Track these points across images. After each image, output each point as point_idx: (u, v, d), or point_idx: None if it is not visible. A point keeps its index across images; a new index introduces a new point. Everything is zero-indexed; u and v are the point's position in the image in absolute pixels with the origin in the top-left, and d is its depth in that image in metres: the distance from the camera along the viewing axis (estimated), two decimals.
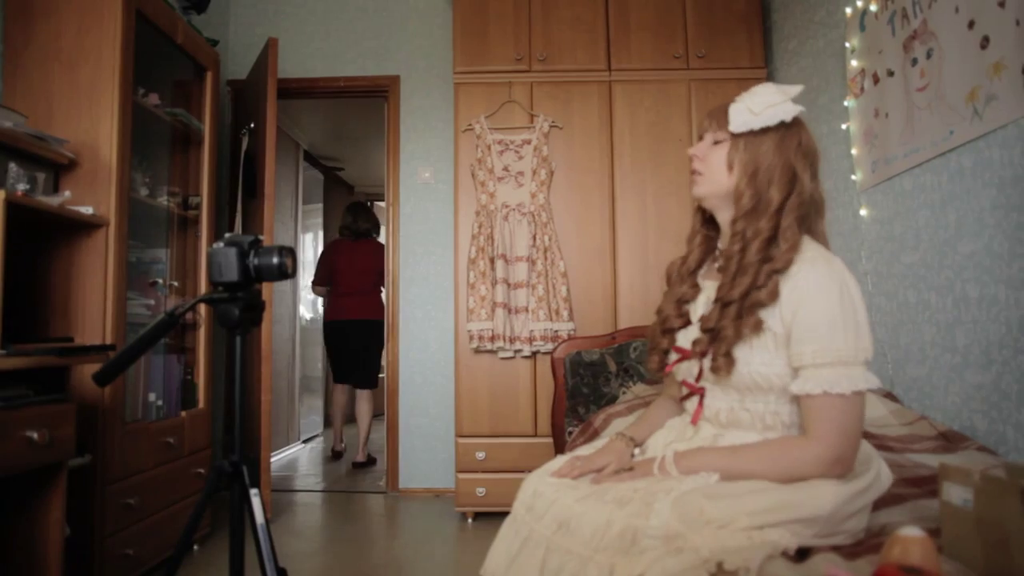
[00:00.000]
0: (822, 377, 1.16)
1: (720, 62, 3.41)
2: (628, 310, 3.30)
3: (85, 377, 2.18)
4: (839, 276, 1.22)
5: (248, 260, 1.52)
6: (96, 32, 2.45)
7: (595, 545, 1.14)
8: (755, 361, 1.24)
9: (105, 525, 2.31)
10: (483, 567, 1.41)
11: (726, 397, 1.30)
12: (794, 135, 1.33)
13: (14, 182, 2.07)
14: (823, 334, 1.17)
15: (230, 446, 3.83)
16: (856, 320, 1.18)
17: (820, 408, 1.16)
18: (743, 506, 1.12)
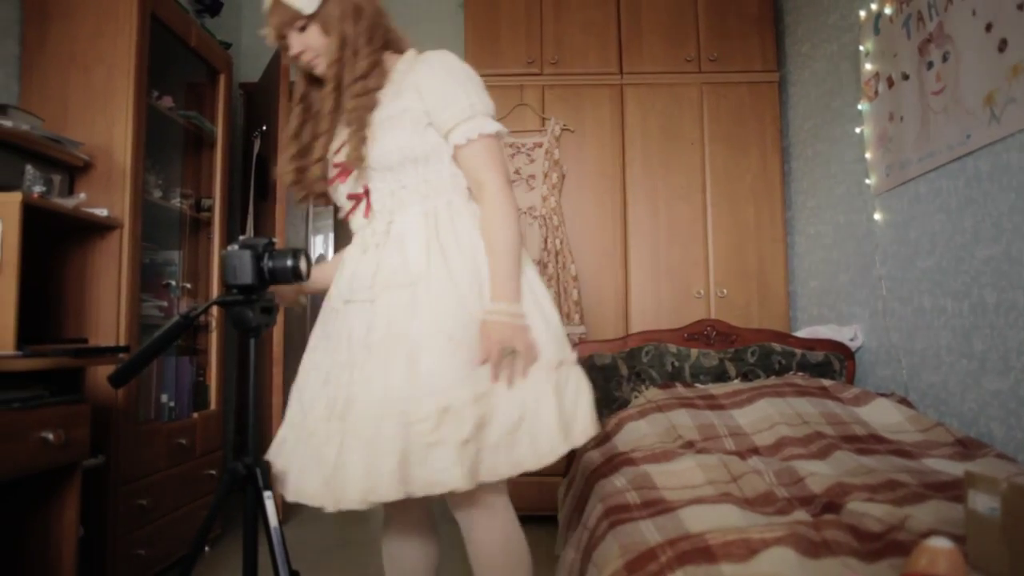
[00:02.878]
0: (471, 127, 1.44)
1: (732, 65, 3.40)
2: (639, 314, 3.29)
3: (99, 378, 2.19)
4: (442, 57, 1.52)
5: (262, 263, 1.52)
6: (111, 35, 2.46)
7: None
8: (398, 141, 1.46)
9: (118, 526, 2.32)
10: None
11: (384, 183, 1.49)
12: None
13: (30, 184, 2.08)
14: (458, 96, 1.45)
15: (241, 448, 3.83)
16: (476, 81, 1.49)
17: (481, 150, 1.46)
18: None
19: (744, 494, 1.69)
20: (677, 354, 2.74)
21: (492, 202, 1.47)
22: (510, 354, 1.38)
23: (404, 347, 1.39)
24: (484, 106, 1.48)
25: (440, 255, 1.45)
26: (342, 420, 1.40)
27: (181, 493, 2.71)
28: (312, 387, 1.52)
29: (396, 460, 1.31)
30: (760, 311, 3.28)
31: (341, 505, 1.36)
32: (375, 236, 1.51)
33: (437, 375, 1.36)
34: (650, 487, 1.79)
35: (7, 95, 2.38)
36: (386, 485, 1.31)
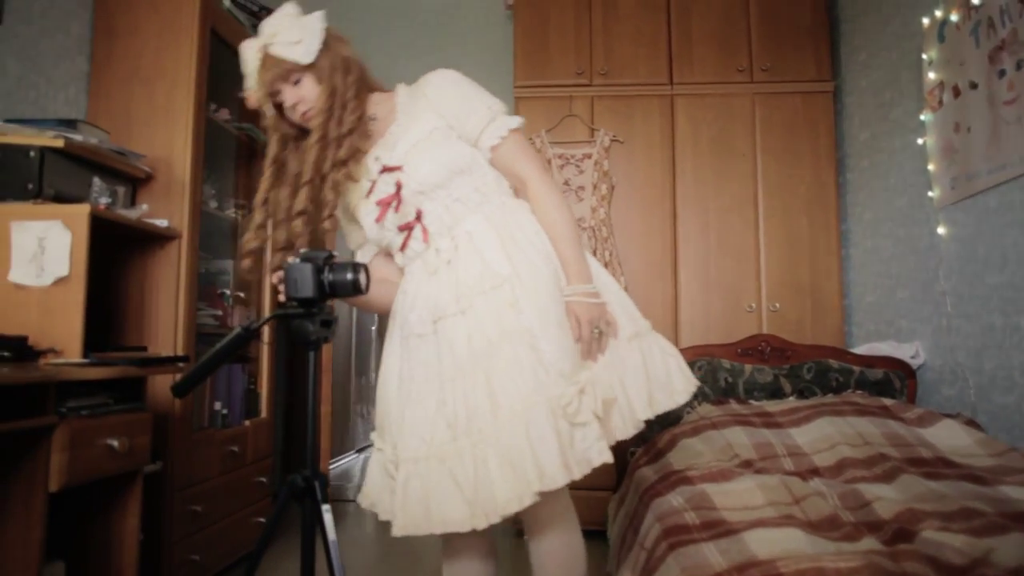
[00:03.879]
0: (498, 126, 1.49)
1: (785, 75, 3.34)
2: (689, 327, 3.24)
3: (157, 385, 2.24)
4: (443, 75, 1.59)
5: (322, 276, 1.54)
6: (174, 50, 2.52)
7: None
8: (441, 158, 1.49)
9: (173, 531, 2.36)
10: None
11: (436, 202, 1.51)
12: (334, 41, 1.59)
13: (97, 196, 2.14)
14: (475, 106, 1.50)
15: (288, 456, 3.88)
16: (481, 88, 1.55)
17: (513, 146, 1.51)
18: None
19: (808, 517, 1.64)
20: (730, 369, 2.69)
21: (538, 192, 1.52)
22: (598, 332, 1.45)
23: (524, 341, 1.40)
24: (499, 105, 1.54)
25: (518, 252, 1.48)
26: (468, 435, 1.40)
27: (233, 500, 2.75)
28: (423, 417, 1.47)
29: (556, 446, 1.33)
30: (814, 326, 3.20)
31: (493, 519, 1.35)
32: (442, 255, 1.52)
33: (561, 360, 1.40)
34: (709, 507, 1.75)
35: (77, 110, 2.46)
36: (552, 474, 1.33)
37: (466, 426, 1.40)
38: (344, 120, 1.51)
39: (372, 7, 4.18)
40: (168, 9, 2.52)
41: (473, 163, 1.52)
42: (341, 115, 1.52)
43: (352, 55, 1.61)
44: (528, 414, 1.36)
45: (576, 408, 1.36)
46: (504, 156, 1.52)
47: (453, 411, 1.42)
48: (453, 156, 1.51)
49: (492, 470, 1.35)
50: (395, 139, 1.55)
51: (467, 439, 1.39)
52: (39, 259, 2.00)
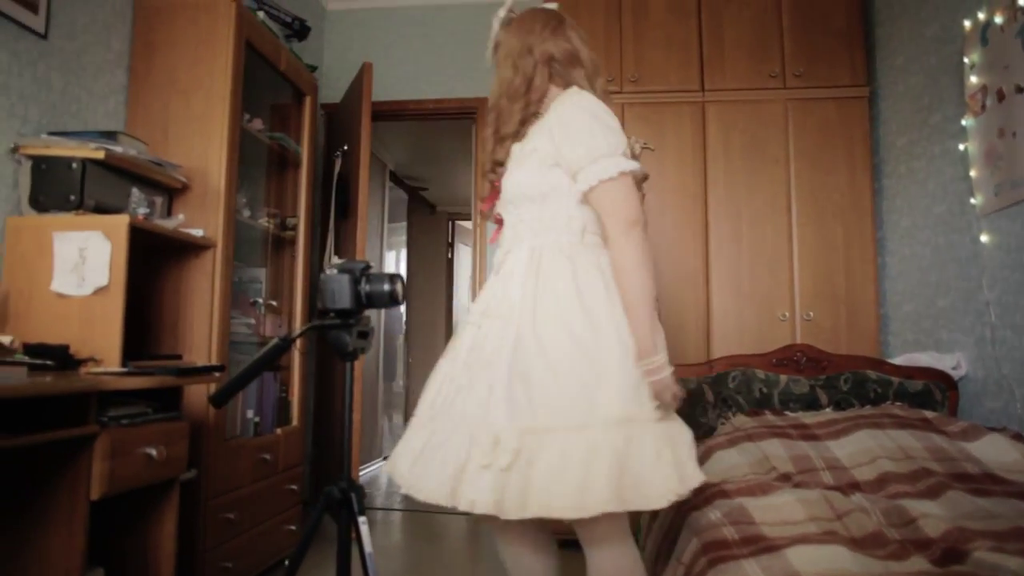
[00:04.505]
0: (593, 172, 1.45)
1: (819, 80, 3.29)
2: (721, 337, 3.20)
3: (192, 393, 2.26)
4: (585, 101, 1.53)
5: (359, 287, 1.54)
6: (209, 62, 2.55)
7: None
8: (519, 177, 1.55)
9: (207, 539, 2.37)
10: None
11: (510, 216, 1.59)
12: (515, 27, 1.69)
13: (136, 206, 2.17)
14: (584, 140, 1.47)
15: (318, 464, 3.87)
16: (608, 125, 1.50)
17: (602, 194, 1.47)
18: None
19: (851, 534, 1.60)
20: (765, 380, 2.65)
21: (615, 252, 1.49)
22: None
23: (492, 378, 1.44)
24: (608, 148, 1.47)
25: (532, 295, 1.47)
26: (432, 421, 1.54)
27: (265, 508, 2.76)
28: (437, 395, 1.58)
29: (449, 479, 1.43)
30: (849, 336, 3.14)
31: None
32: (497, 263, 1.61)
33: (502, 408, 1.41)
34: (748, 522, 1.71)
35: (116, 122, 2.50)
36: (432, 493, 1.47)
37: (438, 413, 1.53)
38: (511, 116, 1.64)
39: (402, 14, 4.21)
40: (205, 22, 2.55)
41: (551, 193, 1.52)
42: (510, 108, 1.64)
43: (533, 34, 1.65)
44: (451, 439, 1.44)
45: (483, 455, 1.36)
46: (594, 204, 1.50)
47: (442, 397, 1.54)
48: (531, 182, 1.53)
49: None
50: (522, 143, 1.62)
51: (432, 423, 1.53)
52: (80, 269, 2.03)
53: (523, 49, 1.64)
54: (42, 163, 2.07)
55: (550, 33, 1.65)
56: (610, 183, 1.46)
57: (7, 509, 1.60)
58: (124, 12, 2.57)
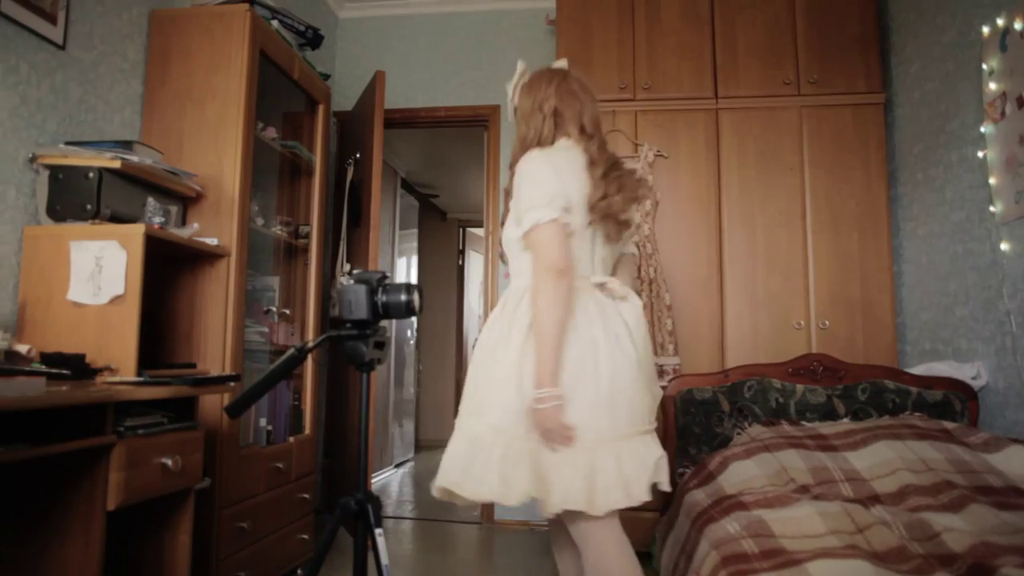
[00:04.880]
0: (527, 219, 1.64)
1: (834, 87, 3.27)
2: (736, 345, 3.17)
3: (206, 401, 2.26)
4: (535, 157, 1.72)
5: (376, 297, 1.54)
6: (224, 71, 2.56)
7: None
8: (504, 230, 1.80)
9: (221, 548, 2.37)
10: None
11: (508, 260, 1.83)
12: (526, 89, 1.87)
13: (151, 215, 2.17)
14: (523, 194, 1.67)
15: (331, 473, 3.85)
16: (538, 179, 1.67)
17: (531, 240, 1.65)
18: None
19: (873, 548, 1.58)
20: (782, 389, 2.62)
21: (532, 291, 1.64)
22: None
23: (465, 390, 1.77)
24: (540, 199, 1.64)
25: (506, 334, 1.69)
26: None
27: (277, 516, 2.76)
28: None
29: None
30: (865, 344, 3.11)
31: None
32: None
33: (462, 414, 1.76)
34: (767, 535, 1.70)
35: (132, 131, 2.51)
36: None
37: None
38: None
39: (414, 22, 4.22)
40: (220, 31, 2.56)
41: (508, 246, 1.78)
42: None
43: (530, 98, 1.85)
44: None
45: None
46: (529, 248, 1.68)
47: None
48: (507, 235, 1.77)
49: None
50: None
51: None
52: (96, 278, 2.03)
53: (533, 107, 1.81)
54: (59, 173, 2.08)
55: (554, 89, 1.81)
56: (537, 230, 1.62)
57: (25, 518, 1.59)
58: (140, 22, 2.58)
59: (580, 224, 1.68)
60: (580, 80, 1.87)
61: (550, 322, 1.58)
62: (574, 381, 1.59)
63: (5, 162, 2.01)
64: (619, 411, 1.61)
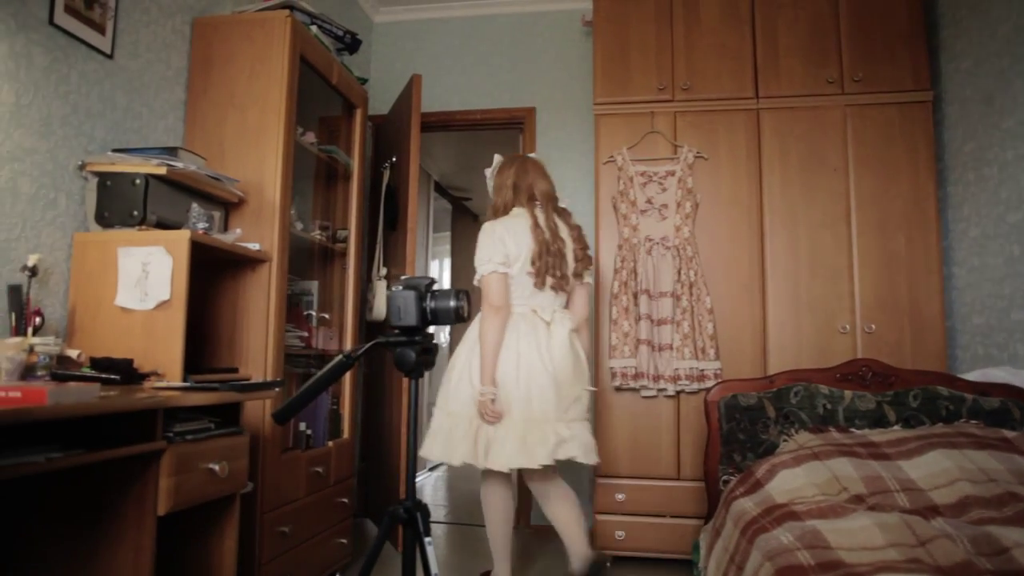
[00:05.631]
0: (478, 271, 2.46)
1: (879, 86, 3.19)
2: (778, 349, 3.11)
3: (249, 406, 2.26)
4: (485, 228, 2.53)
5: (425, 303, 1.52)
6: (265, 77, 2.57)
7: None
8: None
9: (263, 552, 2.37)
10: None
11: None
12: (498, 171, 2.72)
13: (195, 221, 2.19)
14: (477, 253, 2.49)
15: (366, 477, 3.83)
16: (483, 243, 2.47)
17: (480, 284, 2.45)
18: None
19: (937, 562, 1.52)
20: (829, 395, 2.56)
21: (480, 319, 2.45)
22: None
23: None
24: (486, 256, 2.44)
25: (463, 348, 2.55)
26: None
27: (317, 520, 2.76)
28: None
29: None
30: (913, 349, 3.03)
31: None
32: None
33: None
34: (823, 546, 1.65)
35: (175, 137, 2.54)
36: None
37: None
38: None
39: (449, 25, 4.22)
40: (261, 37, 2.58)
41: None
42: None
43: (499, 178, 2.70)
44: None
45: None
46: (480, 289, 2.46)
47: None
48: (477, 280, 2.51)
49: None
50: None
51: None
52: (143, 284, 2.05)
53: (501, 183, 2.65)
54: (107, 179, 2.10)
55: (514, 170, 2.64)
56: (484, 278, 2.43)
57: (78, 523, 1.61)
58: (183, 30, 2.61)
59: (519, 271, 2.44)
60: (536, 162, 2.67)
61: (488, 342, 2.37)
62: (503, 380, 2.37)
63: (57, 170, 2.04)
64: (533, 403, 2.36)
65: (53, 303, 2.03)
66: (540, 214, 2.52)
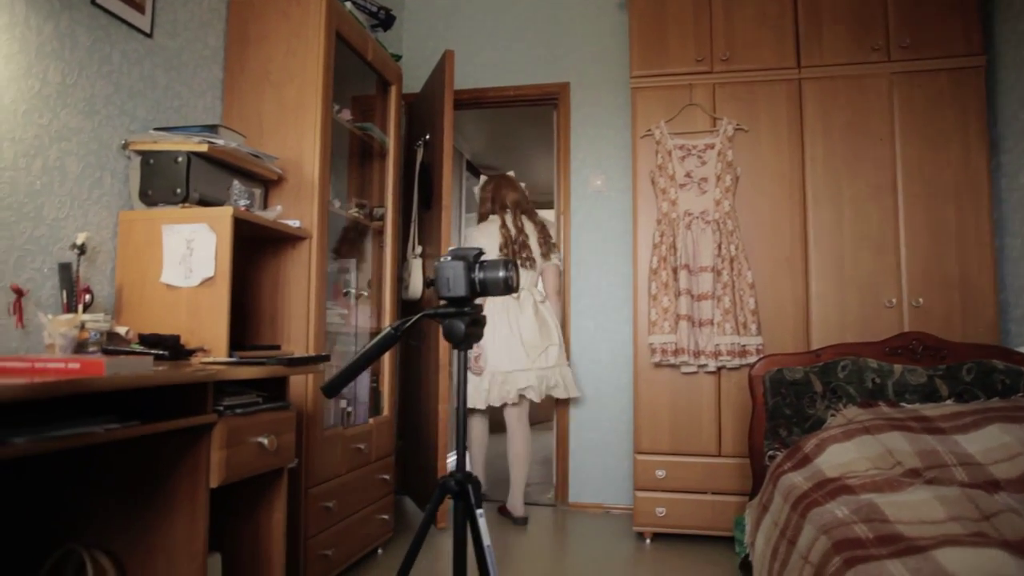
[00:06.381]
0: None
1: (928, 51, 3.08)
2: (822, 324, 3.04)
3: (293, 385, 2.28)
4: (468, 232, 3.69)
5: (474, 274, 1.50)
6: (301, 54, 2.56)
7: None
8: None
9: (308, 527, 2.40)
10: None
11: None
12: (482, 187, 3.83)
13: (237, 198, 2.19)
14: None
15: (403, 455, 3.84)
16: (468, 241, 3.60)
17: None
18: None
19: (1003, 536, 1.48)
20: (878, 370, 2.50)
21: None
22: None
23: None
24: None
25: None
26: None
27: (359, 496, 2.78)
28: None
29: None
30: (963, 323, 2.94)
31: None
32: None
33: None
34: (880, 520, 1.61)
35: (213, 116, 2.54)
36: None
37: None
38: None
39: (476, 2, 4.17)
40: (297, 14, 2.57)
41: None
42: None
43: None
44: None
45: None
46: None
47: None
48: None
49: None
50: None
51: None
52: (187, 261, 2.06)
53: (483, 196, 3.73)
54: (150, 158, 2.11)
55: (492, 185, 3.73)
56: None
57: (133, 497, 1.63)
58: (219, 8, 2.61)
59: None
60: (509, 179, 3.77)
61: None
62: (484, 343, 3.28)
63: (102, 149, 2.05)
64: (502, 360, 3.41)
65: (101, 281, 2.05)
66: (508, 217, 3.58)
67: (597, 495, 3.74)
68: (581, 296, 3.87)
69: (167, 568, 1.61)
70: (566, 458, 3.82)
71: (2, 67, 1.73)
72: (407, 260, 3.64)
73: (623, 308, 3.75)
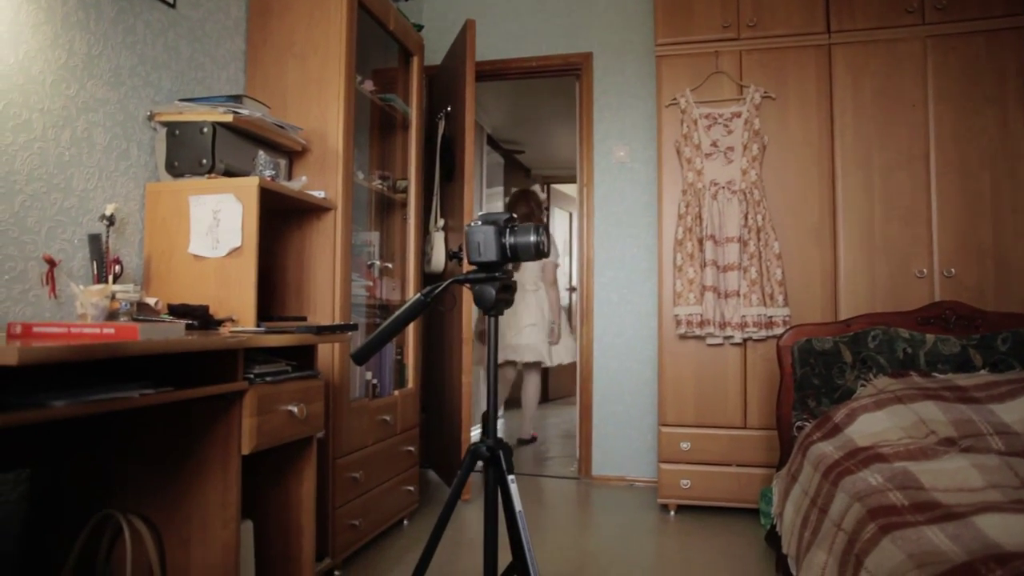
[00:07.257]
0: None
1: (965, 13, 2.98)
2: (851, 296, 3.00)
3: (320, 356, 2.28)
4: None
5: (504, 239, 1.49)
6: (324, 24, 2.54)
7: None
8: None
9: (336, 497, 2.42)
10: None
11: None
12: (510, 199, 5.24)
13: (262, 169, 2.19)
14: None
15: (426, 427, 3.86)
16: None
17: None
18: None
19: None
20: (910, 339, 2.46)
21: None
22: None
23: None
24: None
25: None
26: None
27: (385, 468, 2.80)
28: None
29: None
30: (997, 293, 2.88)
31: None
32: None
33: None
34: (916, 487, 1.59)
35: (237, 87, 2.54)
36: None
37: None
38: None
39: None
40: None
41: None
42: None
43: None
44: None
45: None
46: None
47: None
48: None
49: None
50: None
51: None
52: (214, 231, 2.07)
53: (512, 203, 5.02)
54: (175, 129, 2.11)
55: (509, 201, 5.11)
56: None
57: (167, 463, 1.65)
58: None
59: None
60: (527, 194, 5.01)
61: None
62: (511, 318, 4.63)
63: (128, 120, 2.06)
64: (510, 334, 4.75)
65: (129, 252, 2.07)
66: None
67: (621, 468, 3.75)
68: (604, 269, 3.85)
69: (201, 534, 1.64)
70: (589, 431, 3.82)
71: (30, 37, 1.72)
72: (429, 233, 3.63)
73: (647, 280, 3.72)
